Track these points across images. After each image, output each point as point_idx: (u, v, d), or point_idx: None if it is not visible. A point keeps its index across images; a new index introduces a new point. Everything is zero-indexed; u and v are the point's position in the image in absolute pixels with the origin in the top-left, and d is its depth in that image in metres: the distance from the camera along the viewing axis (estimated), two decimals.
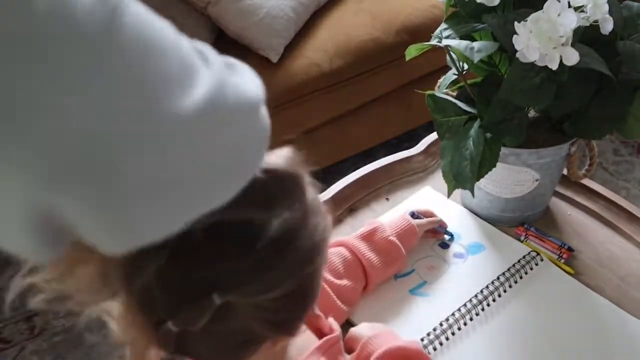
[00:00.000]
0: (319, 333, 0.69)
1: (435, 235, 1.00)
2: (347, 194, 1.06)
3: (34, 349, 1.54)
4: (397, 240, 0.91)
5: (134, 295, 0.46)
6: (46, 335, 1.56)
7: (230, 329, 0.48)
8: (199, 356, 0.51)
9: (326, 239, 0.50)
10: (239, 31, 1.60)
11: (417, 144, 1.15)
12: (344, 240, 0.90)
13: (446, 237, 0.99)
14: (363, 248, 0.88)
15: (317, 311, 0.70)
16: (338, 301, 0.82)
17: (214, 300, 0.44)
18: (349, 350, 0.74)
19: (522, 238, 0.99)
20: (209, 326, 0.46)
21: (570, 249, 0.96)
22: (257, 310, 0.47)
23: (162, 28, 0.35)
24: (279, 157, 0.47)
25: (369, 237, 0.90)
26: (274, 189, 0.45)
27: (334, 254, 0.87)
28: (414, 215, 0.97)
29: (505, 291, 0.91)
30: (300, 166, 0.48)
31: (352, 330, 0.79)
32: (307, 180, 0.49)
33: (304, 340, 0.64)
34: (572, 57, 0.73)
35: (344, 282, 0.85)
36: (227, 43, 1.64)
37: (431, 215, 0.99)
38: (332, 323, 0.71)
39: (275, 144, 0.47)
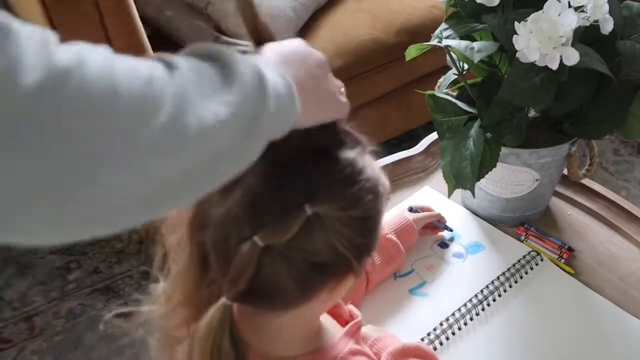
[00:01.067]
0: (340, 320, 0.70)
1: (434, 230, 1.00)
2: None
3: (34, 349, 1.53)
4: (395, 238, 0.91)
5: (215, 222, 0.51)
6: (46, 335, 1.56)
7: (316, 248, 0.51)
8: (266, 292, 0.52)
9: (387, 188, 0.56)
10: (239, 31, 1.59)
11: (417, 144, 1.15)
12: None
13: (446, 233, 0.99)
14: None
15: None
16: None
17: (306, 210, 0.49)
18: None
19: (523, 238, 0.99)
20: (297, 241, 0.49)
21: (570, 249, 0.96)
22: (342, 227, 0.51)
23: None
24: None
25: None
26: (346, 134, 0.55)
27: None
28: (412, 209, 0.97)
29: (505, 291, 0.91)
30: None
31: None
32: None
33: (330, 327, 0.65)
34: (572, 57, 0.73)
35: None
36: (227, 43, 1.64)
37: (429, 210, 0.99)
38: (352, 309, 0.71)
39: None
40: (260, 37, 0.52)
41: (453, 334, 0.85)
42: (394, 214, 0.97)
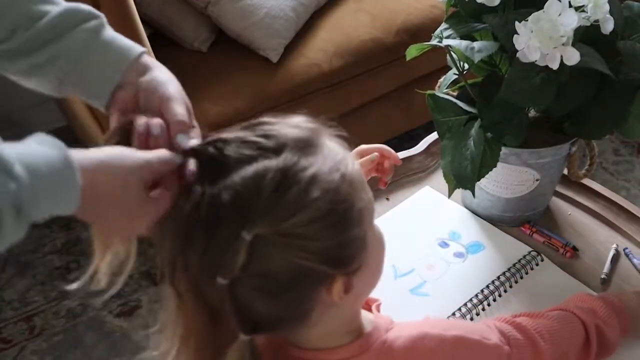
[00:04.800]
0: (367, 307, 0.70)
1: (384, 171, 0.88)
2: None
3: (34, 349, 1.53)
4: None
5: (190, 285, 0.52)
6: (46, 335, 1.56)
7: (274, 268, 0.49)
8: (265, 319, 0.52)
9: (349, 176, 0.52)
10: (239, 31, 1.59)
11: (417, 144, 1.15)
12: None
13: (446, 233, 0.98)
14: None
15: None
16: None
17: (245, 237, 0.48)
18: None
19: (528, 233, 0.99)
20: (252, 268, 0.48)
21: (575, 248, 0.96)
22: (293, 239, 0.49)
23: None
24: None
25: None
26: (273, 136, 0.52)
27: None
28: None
29: (505, 291, 0.91)
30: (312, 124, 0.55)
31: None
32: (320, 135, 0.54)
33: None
34: (572, 57, 0.73)
35: None
36: (227, 43, 1.64)
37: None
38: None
39: None
40: None
41: None
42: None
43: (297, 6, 1.64)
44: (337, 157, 0.53)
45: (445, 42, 0.82)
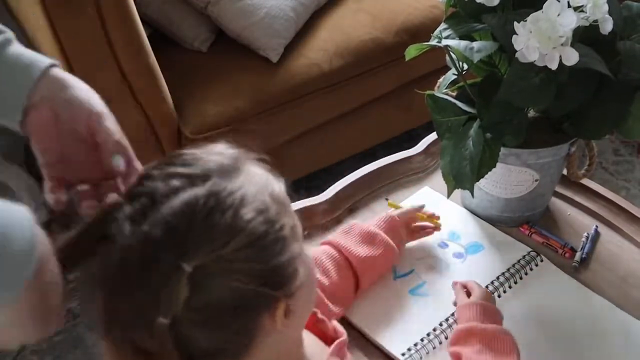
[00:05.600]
0: (324, 337, 0.69)
1: (425, 230, 0.97)
2: (347, 194, 1.05)
3: (34, 349, 1.53)
4: (379, 230, 0.90)
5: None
6: None
7: (217, 298, 0.48)
8: (205, 352, 0.50)
9: (276, 196, 0.53)
10: (239, 31, 1.59)
11: (417, 144, 1.15)
12: (327, 239, 0.89)
13: (443, 233, 0.98)
14: (345, 242, 0.88)
15: (320, 315, 0.70)
16: (329, 304, 0.81)
17: (185, 269, 0.46)
18: None
19: (528, 234, 0.99)
20: (195, 301, 0.47)
21: (573, 249, 0.96)
22: (233, 264, 0.48)
23: None
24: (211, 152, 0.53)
25: (347, 231, 0.90)
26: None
27: (322, 253, 0.86)
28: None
29: (505, 291, 0.91)
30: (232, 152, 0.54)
31: None
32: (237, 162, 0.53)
33: (313, 346, 0.64)
34: (571, 57, 0.73)
35: (335, 279, 0.84)
36: (227, 43, 1.64)
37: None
38: (336, 325, 0.71)
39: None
40: None
41: None
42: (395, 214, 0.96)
43: (297, 6, 1.64)
44: (262, 179, 0.53)
45: (445, 42, 0.82)
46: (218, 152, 0.53)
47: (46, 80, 0.55)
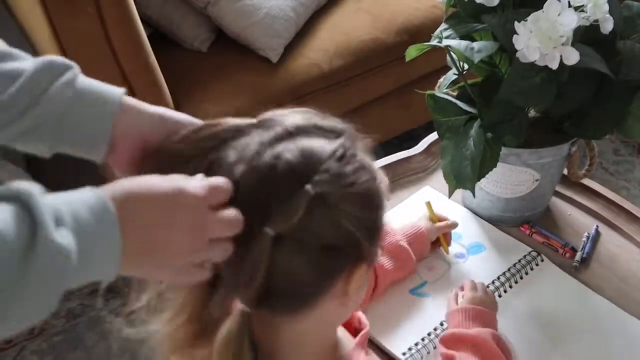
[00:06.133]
0: (350, 327, 0.70)
1: (447, 239, 0.98)
2: None
3: (34, 349, 1.53)
4: (406, 245, 0.90)
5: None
6: (46, 335, 1.56)
7: (322, 229, 0.51)
8: (282, 290, 0.52)
9: (378, 179, 0.56)
10: (239, 31, 1.59)
11: (417, 144, 1.15)
12: None
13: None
14: None
15: None
16: None
17: (309, 191, 0.49)
18: None
19: (528, 233, 0.99)
20: (303, 225, 0.49)
21: (573, 249, 0.96)
22: (345, 204, 0.51)
23: None
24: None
25: None
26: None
27: None
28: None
29: (505, 291, 0.91)
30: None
31: None
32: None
33: (343, 337, 0.65)
34: (572, 57, 0.73)
35: None
36: (227, 43, 1.64)
37: (444, 219, 0.97)
38: (361, 316, 0.71)
39: None
40: None
41: None
42: (408, 221, 0.96)
43: (297, 6, 1.64)
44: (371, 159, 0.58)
45: (445, 42, 0.82)
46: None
47: (123, 111, 0.57)
